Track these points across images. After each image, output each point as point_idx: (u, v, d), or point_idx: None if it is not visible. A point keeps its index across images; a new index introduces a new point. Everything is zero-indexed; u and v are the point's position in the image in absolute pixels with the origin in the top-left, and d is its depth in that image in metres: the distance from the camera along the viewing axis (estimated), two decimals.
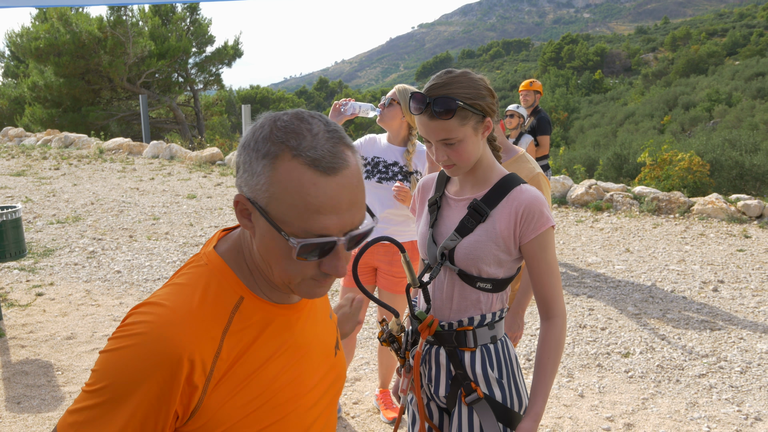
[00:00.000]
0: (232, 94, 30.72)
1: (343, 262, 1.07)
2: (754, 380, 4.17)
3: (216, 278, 1.11)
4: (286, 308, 1.17)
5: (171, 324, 1.02)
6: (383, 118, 3.29)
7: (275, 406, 1.12)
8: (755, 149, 15.00)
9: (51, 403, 3.88)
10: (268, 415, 1.11)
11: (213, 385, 1.04)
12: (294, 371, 1.16)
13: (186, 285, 1.09)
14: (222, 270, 1.12)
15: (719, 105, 36.34)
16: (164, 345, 1.00)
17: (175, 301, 1.05)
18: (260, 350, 1.11)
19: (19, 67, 24.95)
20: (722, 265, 6.39)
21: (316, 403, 1.22)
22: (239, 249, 1.15)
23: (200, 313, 1.05)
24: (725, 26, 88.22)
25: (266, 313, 1.14)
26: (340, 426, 3.68)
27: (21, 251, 4.89)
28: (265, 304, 1.14)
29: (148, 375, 0.98)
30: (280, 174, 1.00)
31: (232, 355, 1.06)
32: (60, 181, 10.29)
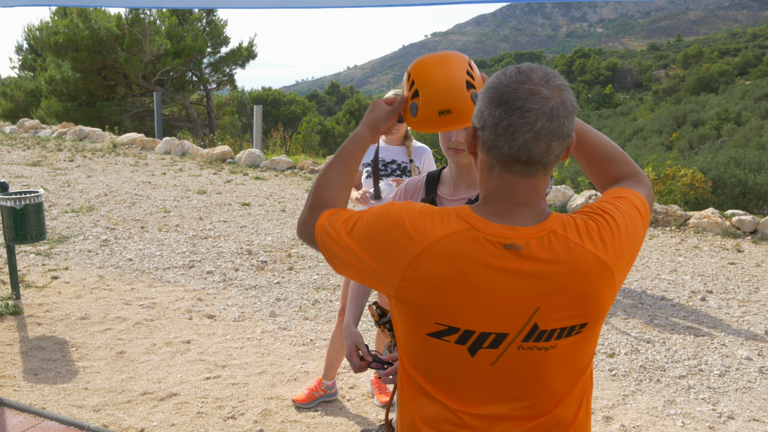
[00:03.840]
0: (244, 94, 31.07)
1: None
2: (731, 383, 4.39)
3: None
4: None
5: None
6: (398, 130, 3.58)
7: None
8: (759, 168, 15.19)
9: (66, 375, 4.14)
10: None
11: None
12: None
13: None
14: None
15: (728, 124, 36.53)
16: None
17: None
18: None
19: (37, 61, 25.37)
20: (712, 276, 6.60)
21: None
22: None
23: None
24: (738, 46, 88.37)
25: None
26: (336, 408, 3.92)
27: (41, 234, 5.16)
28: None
29: None
30: None
31: None
32: (74, 173, 10.58)
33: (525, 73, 1.33)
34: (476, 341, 1.35)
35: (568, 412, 1.44)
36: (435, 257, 1.33)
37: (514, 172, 1.35)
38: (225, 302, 5.51)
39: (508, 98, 1.31)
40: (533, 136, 1.30)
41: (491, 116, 1.33)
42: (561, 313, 1.34)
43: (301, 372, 4.34)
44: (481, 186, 1.42)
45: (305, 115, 33.66)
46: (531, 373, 1.38)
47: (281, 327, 5.06)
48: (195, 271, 6.22)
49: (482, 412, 1.40)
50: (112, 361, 4.36)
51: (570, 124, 1.34)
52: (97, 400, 3.86)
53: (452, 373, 1.39)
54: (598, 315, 1.38)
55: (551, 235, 1.34)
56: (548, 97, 1.31)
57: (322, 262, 6.65)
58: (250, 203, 9.05)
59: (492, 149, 1.35)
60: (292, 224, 8.05)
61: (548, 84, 1.32)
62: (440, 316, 1.34)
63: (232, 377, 4.22)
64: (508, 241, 1.32)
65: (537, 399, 1.40)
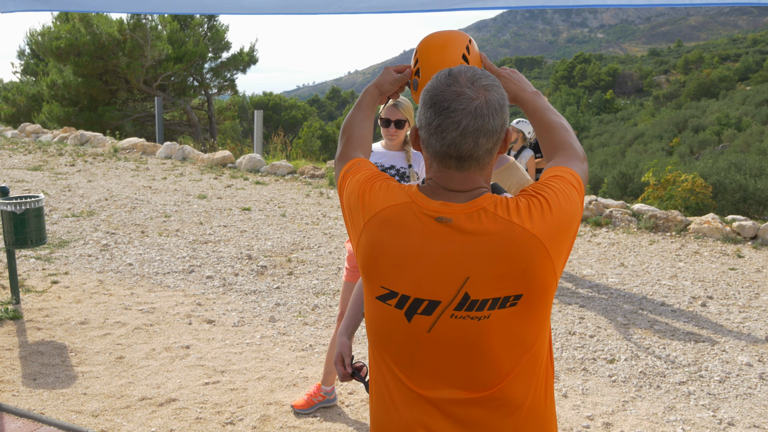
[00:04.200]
0: (245, 99, 31.13)
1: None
2: (731, 389, 4.38)
3: None
4: None
5: None
6: (397, 136, 3.58)
7: None
8: (760, 173, 15.18)
9: (64, 380, 4.13)
10: None
11: None
12: None
13: None
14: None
15: (729, 129, 36.55)
16: None
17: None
18: None
19: (39, 66, 25.42)
20: (713, 282, 6.59)
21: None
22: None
23: None
24: (738, 51, 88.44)
25: None
26: (335, 413, 3.91)
27: (42, 239, 5.16)
28: None
29: None
30: None
31: None
32: (75, 177, 10.59)
33: (453, 76, 1.47)
34: (411, 306, 1.48)
35: (517, 392, 1.50)
36: (378, 225, 1.51)
37: (449, 167, 1.48)
38: (224, 307, 5.51)
39: (436, 100, 1.45)
40: (460, 134, 1.43)
41: (424, 117, 1.48)
42: (492, 284, 1.43)
43: (301, 377, 4.34)
44: (426, 176, 1.57)
45: (306, 119, 33.72)
46: (468, 342, 1.47)
47: (281, 332, 5.06)
48: (195, 276, 6.22)
49: (428, 382, 1.51)
50: (111, 366, 4.35)
51: (497, 120, 1.45)
52: (95, 405, 3.86)
53: (397, 340, 1.52)
54: (533, 288, 1.44)
55: (481, 211, 1.45)
56: (473, 98, 1.43)
57: (322, 267, 6.65)
58: (251, 208, 9.05)
59: (428, 147, 1.50)
60: (292, 229, 8.05)
61: (473, 85, 1.45)
62: (383, 279, 1.50)
63: (231, 382, 4.22)
64: (440, 214, 1.46)
65: (477, 370, 1.48)
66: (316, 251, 7.19)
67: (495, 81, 1.49)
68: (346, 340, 2.24)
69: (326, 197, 10.04)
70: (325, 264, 6.76)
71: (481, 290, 1.43)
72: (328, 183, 11.00)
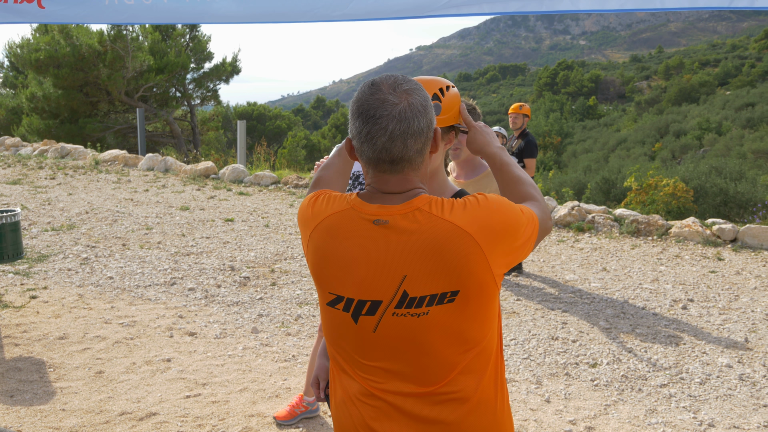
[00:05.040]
0: (229, 110, 31.07)
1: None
2: (711, 391, 4.40)
3: None
4: None
5: None
6: None
7: None
8: (740, 177, 15.34)
9: (42, 397, 4.08)
10: None
11: None
12: None
13: None
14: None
15: (709, 133, 36.89)
16: None
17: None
18: None
19: (18, 78, 25.22)
20: (693, 285, 6.64)
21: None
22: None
23: None
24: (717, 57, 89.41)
25: None
26: (317, 424, 3.89)
27: (18, 254, 5.11)
28: None
29: None
30: None
31: None
32: (55, 191, 10.50)
33: (376, 85, 1.54)
34: (356, 308, 1.55)
35: (465, 387, 1.56)
36: (322, 233, 1.59)
37: (384, 171, 1.55)
38: (206, 319, 5.47)
39: (363, 110, 1.52)
40: (388, 138, 1.50)
41: (354, 127, 1.55)
42: (428, 281, 1.49)
43: (283, 388, 4.31)
44: (365, 182, 1.64)
45: (291, 129, 33.69)
46: (411, 339, 1.53)
47: (263, 343, 5.03)
48: (176, 288, 6.18)
49: (379, 379, 1.58)
50: (91, 381, 4.30)
51: (422, 121, 1.53)
52: (74, 421, 3.81)
53: (349, 342, 1.59)
54: (468, 284, 1.50)
55: (416, 211, 1.52)
56: (395, 103, 1.50)
57: (306, 277, 6.63)
58: (234, 219, 9.01)
59: (361, 155, 1.57)
60: (275, 239, 8.03)
61: (395, 91, 1.52)
62: (330, 285, 1.58)
63: (213, 395, 4.18)
64: (377, 217, 1.53)
65: (422, 365, 1.54)
66: (300, 261, 7.17)
67: (417, 85, 1.56)
68: (323, 362, 2.27)
69: None
70: (308, 274, 6.74)
71: (419, 287, 1.50)
72: None
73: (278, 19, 2.51)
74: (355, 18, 2.36)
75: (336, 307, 1.59)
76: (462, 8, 2.19)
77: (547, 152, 41.04)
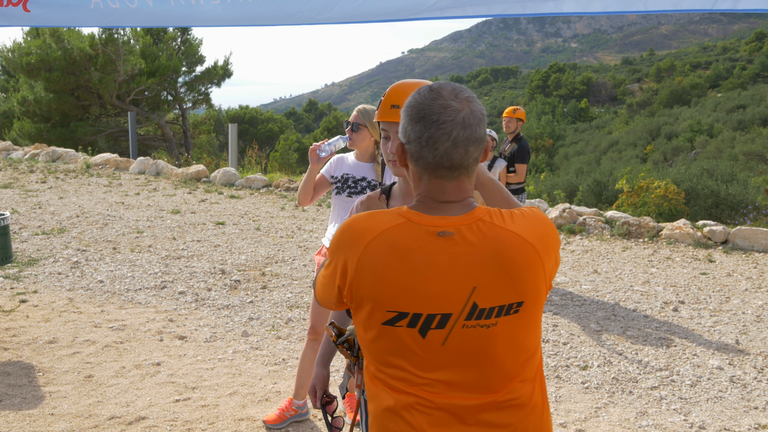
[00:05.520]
0: (221, 113, 30.97)
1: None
2: (702, 393, 4.41)
3: None
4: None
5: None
6: (353, 142, 3.54)
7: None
8: (731, 179, 15.40)
9: (31, 401, 4.05)
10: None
11: None
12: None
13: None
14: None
15: (701, 136, 37.04)
16: None
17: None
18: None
19: (9, 82, 25.12)
20: (684, 287, 6.66)
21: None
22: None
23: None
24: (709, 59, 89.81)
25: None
26: (307, 428, 3.88)
27: (7, 258, 5.07)
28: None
29: None
30: None
31: None
32: (46, 194, 10.45)
33: (436, 91, 1.55)
34: (425, 323, 1.51)
35: (521, 394, 1.59)
36: (378, 250, 1.52)
37: (441, 177, 1.55)
38: (197, 323, 5.45)
39: (425, 114, 1.53)
40: (451, 144, 1.51)
41: (413, 131, 1.54)
42: (496, 292, 1.50)
43: (273, 392, 4.30)
44: (414, 191, 1.63)
45: (283, 132, 33.62)
46: (478, 350, 1.53)
47: (253, 347, 5.01)
48: (167, 292, 6.15)
49: (436, 391, 1.55)
50: (80, 386, 4.28)
51: (482, 129, 1.56)
52: (63, 425, 3.79)
53: (410, 360, 1.54)
54: (531, 295, 1.54)
55: (479, 222, 1.53)
56: (458, 109, 1.52)
57: (296, 280, 6.61)
58: (225, 222, 8.99)
59: (419, 160, 1.55)
60: (266, 242, 8.01)
61: (457, 98, 1.54)
62: (390, 303, 1.51)
63: (203, 399, 4.17)
64: (441, 228, 1.52)
65: (486, 375, 1.55)
66: (291, 264, 7.16)
67: (473, 94, 1.58)
68: (321, 371, 2.27)
69: (301, 210, 10.01)
70: (300, 277, 6.73)
71: (488, 299, 1.51)
72: None
73: (264, 22, 2.51)
74: (340, 21, 2.36)
75: (397, 325, 1.53)
76: (446, 11, 2.20)
77: (539, 155, 41.11)
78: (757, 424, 4.00)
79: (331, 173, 3.66)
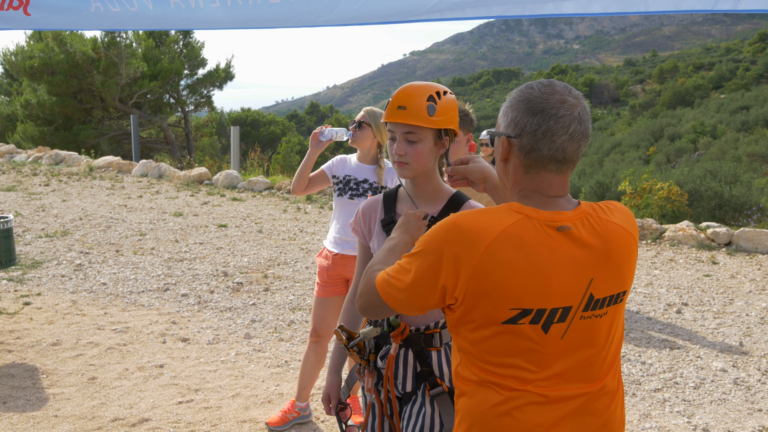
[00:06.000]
0: (223, 116, 31.01)
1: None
2: (706, 395, 4.40)
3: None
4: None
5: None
6: (356, 139, 3.54)
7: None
8: (735, 180, 15.36)
9: (35, 403, 4.06)
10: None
11: None
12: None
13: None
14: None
15: (704, 137, 36.98)
16: None
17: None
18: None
19: (12, 85, 25.19)
20: (688, 289, 6.65)
21: None
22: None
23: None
24: (712, 60, 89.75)
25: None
26: (309, 430, 3.88)
27: (11, 260, 5.08)
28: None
29: None
30: None
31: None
32: (49, 197, 10.47)
33: (551, 86, 1.59)
34: (548, 318, 1.53)
35: (613, 380, 1.65)
36: (503, 246, 1.51)
37: (550, 171, 1.58)
38: (199, 325, 5.46)
39: (543, 107, 1.55)
40: (568, 137, 1.55)
41: (529, 123, 1.56)
42: (608, 282, 1.56)
43: (276, 394, 4.30)
44: (515, 187, 1.65)
45: (285, 135, 33.64)
46: (590, 340, 1.58)
47: (256, 349, 5.01)
48: (170, 294, 6.16)
49: (554, 384, 1.57)
50: (83, 388, 4.28)
51: (590, 127, 1.62)
52: (67, 427, 3.79)
53: (528, 357, 1.55)
54: (629, 283, 1.64)
55: (588, 216, 1.58)
56: (574, 105, 1.57)
57: (299, 282, 6.62)
58: (227, 224, 9.00)
59: (531, 152, 1.57)
60: (268, 245, 8.01)
61: (570, 94, 1.58)
62: (514, 300, 1.51)
63: (205, 401, 4.17)
64: (559, 223, 1.55)
65: (593, 363, 1.59)
66: (293, 267, 7.16)
67: (580, 92, 1.63)
68: (335, 380, 2.28)
69: (303, 212, 10.02)
70: (302, 279, 6.73)
71: (602, 289, 1.56)
72: (305, 198, 10.97)
73: (264, 24, 2.51)
74: (340, 23, 2.37)
75: (520, 322, 1.52)
76: (446, 13, 2.20)
77: None
78: (761, 426, 3.98)
79: (333, 172, 3.66)
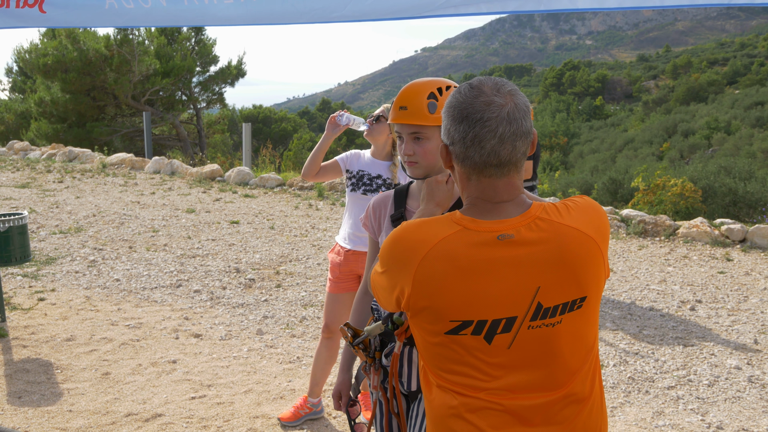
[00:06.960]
0: (235, 113, 31.11)
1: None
2: (720, 393, 4.37)
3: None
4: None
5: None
6: (371, 132, 3.54)
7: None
8: (749, 177, 15.22)
9: (50, 398, 4.09)
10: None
11: None
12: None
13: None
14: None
15: (718, 133, 36.68)
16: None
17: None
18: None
19: (26, 83, 25.39)
20: (702, 285, 6.60)
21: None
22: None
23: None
24: (726, 55, 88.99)
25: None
26: (322, 425, 3.89)
27: (26, 256, 5.13)
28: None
29: None
30: None
31: None
32: (63, 194, 10.55)
33: (477, 88, 1.51)
34: (490, 329, 1.48)
35: (583, 388, 1.57)
36: (435, 260, 1.47)
37: (490, 176, 1.51)
38: (212, 321, 5.48)
39: (468, 113, 1.49)
40: (498, 141, 1.47)
41: (457, 132, 1.51)
42: (560, 289, 1.48)
43: (288, 390, 4.31)
44: (463, 194, 1.59)
45: (296, 131, 33.70)
46: (543, 350, 1.51)
47: (268, 345, 5.03)
48: (182, 290, 6.19)
49: (508, 392, 1.52)
50: (97, 383, 4.32)
51: (527, 122, 1.52)
52: (81, 422, 3.82)
53: (476, 366, 1.51)
54: (593, 288, 1.53)
55: (537, 220, 1.49)
56: (502, 104, 1.48)
57: (311, 279, 6.63)
58: (239, 221, 9.03)
59: (465, 160, 1.51)
60: (280, 241, 8.03)
61: (499, 92, 1.50)
62: (452, 312, 1.47)
63: (218, 396, 4.19)
64: (499, 233, 1.48)
65: (551, 373, 1.52)
66: (305, 263, 7.17)
67: (515, 86, 1.54)
68: (346, 377, 2.29)
69: (315, 209, 10.03)
70: (314, 276, 6.75)
71: (552, 297, 1.48)
72: (317, 195, 10.99)
73: (277, 20, 2.52)
74: (353, 19, 2.36)
75: (461, 333, 1.49)
76: (460, 8, 2.19)
77: (553, 153, 40.90)
78: None
79: (346, 166, 3.66)
